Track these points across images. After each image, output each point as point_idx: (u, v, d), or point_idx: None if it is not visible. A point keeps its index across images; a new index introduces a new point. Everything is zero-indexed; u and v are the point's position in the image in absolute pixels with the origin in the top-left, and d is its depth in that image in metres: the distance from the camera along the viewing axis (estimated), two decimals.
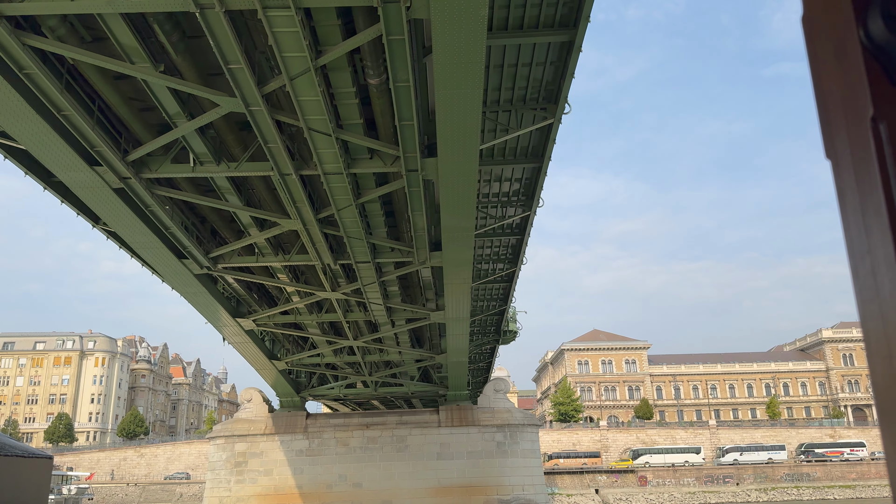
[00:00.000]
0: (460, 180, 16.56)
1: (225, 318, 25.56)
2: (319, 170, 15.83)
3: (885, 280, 0.84)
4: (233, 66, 12.23)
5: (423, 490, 35.08)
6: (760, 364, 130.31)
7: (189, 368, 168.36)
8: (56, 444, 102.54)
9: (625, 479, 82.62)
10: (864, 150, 0.87)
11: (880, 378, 0.87)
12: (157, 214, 17.67)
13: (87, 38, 12.74)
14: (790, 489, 79.23)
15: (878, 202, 0.85)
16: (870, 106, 0.86)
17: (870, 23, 0.87)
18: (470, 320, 27.49)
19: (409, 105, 13.63)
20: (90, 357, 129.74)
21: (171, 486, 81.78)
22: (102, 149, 14.61)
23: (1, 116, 13.37)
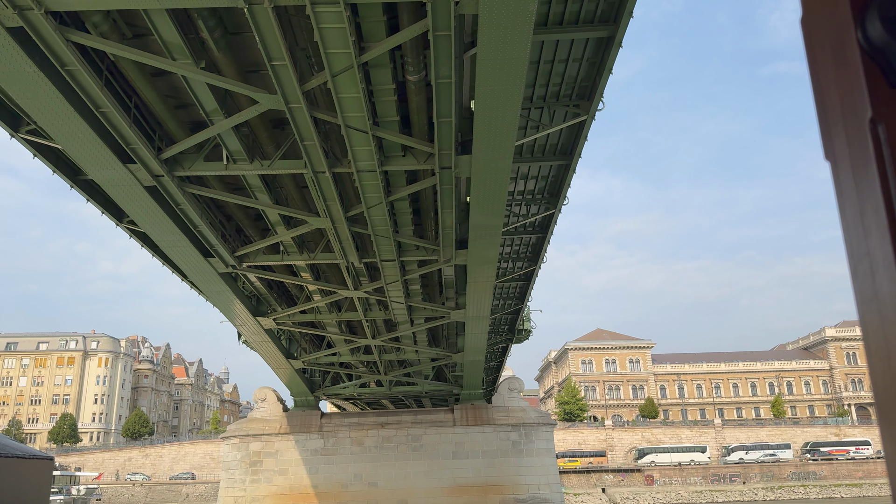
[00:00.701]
0: (493, 178, 16.50)
1: (245, 317, 25.50)
2: (353, 167, 15.76)
3: (883, 282, 0.84)
4: (276, 62, 12.16)
5: (439, 489, 35.04)
6: (764, 363, 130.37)
7: (191, 369, 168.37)
8: (60, 444, 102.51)
9: (631, 477, 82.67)
10: (862, 152, 0.87)
11: (880, 379, 0.87)
12: (186, 213, 17.61)
13: (128, 34, 12.67)
14: (797, 488, 79.31)
15: (877, 204, 0.84)
16: (868, 108, 0.86)
17: (868, 25, 0.86)
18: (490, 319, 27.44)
19: (448, 102, 13.57)
20: (93, 357, 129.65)
21: (178, 487, 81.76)
22: (138, 146, 14.55)
23: (39, 113, 13.30)
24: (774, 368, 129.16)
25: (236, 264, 21.00)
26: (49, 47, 11.63)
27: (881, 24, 0.85)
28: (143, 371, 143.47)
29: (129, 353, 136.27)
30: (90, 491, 64.10)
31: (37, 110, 13.21)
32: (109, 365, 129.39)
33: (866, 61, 0.87)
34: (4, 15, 10.98)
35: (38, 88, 12.52)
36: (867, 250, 0.88)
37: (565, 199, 21.16)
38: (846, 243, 0.93)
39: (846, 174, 0.92)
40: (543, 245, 25.17)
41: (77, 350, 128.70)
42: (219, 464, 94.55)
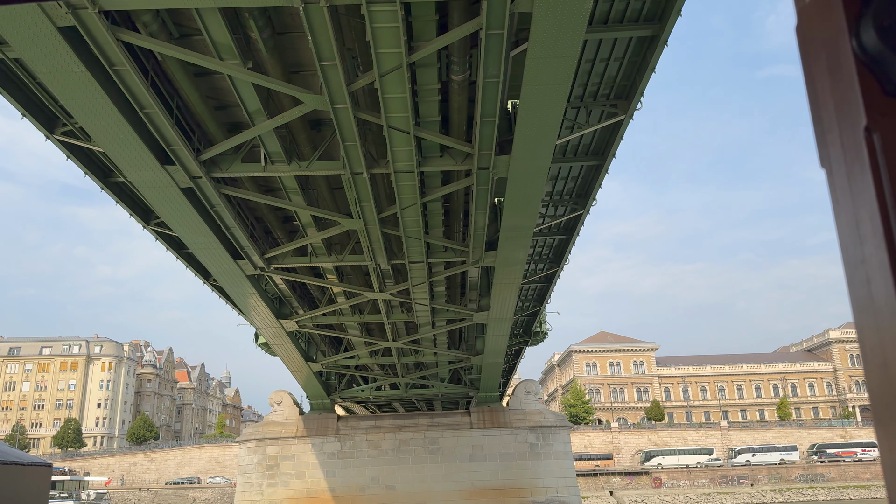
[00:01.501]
0: (530, 179, 16.44)
1: (269, 319, 25.40)
2: (391, 168, 15.70)
3: (880, 290, 0.84)
4: (326, 62, 12.09)
5: (457, 492, 34.91)
6: (768, 365, 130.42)
7: (193, 373, 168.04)
8: (65, 449, 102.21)
9: (639, 480, 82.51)
10: (857, 160, 0.87)
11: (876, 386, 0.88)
12: (220, 214, 17.53)
13: (175, 34, 12.62)
14: (805, 489, 79.19)
15: (872, 212, 0.84)
16: (863, 116, 0.86)
17: (862, 33, 0.86)
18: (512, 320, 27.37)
19: (493, 102, 13.51)
20: (96, 362, 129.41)
21: (184, 491, 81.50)
22: (179, 147, 14.47)
23: (82, 114, 13.22)
24: (779, 370, 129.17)
25: (265, 266, 20.92)
26: (99, 47, 11.56)
27: (875, 32, 0.85)
28: (145, 375, 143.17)
29: (132, 357, 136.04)
30: (100, 496, 63.91)
31: (80, 111, 13.14)
32: (113, 369, 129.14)
33: (861, 69, 0.87)
34: (57, 14, 10.91)
35: (84, 89, 12.44)
36: (863, 258, 0.88)
37: (594, 200, 21.08)
38: (842, 251, 0.93)
39: (841, 182, 0.92)
40: (568, 246, 25.09)
41: (80, 354, 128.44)
42: (224, 468, 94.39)
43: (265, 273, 21.32)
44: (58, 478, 58.23)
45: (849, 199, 0.91)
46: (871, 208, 0.86)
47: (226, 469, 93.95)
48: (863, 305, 0.89)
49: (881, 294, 0.85)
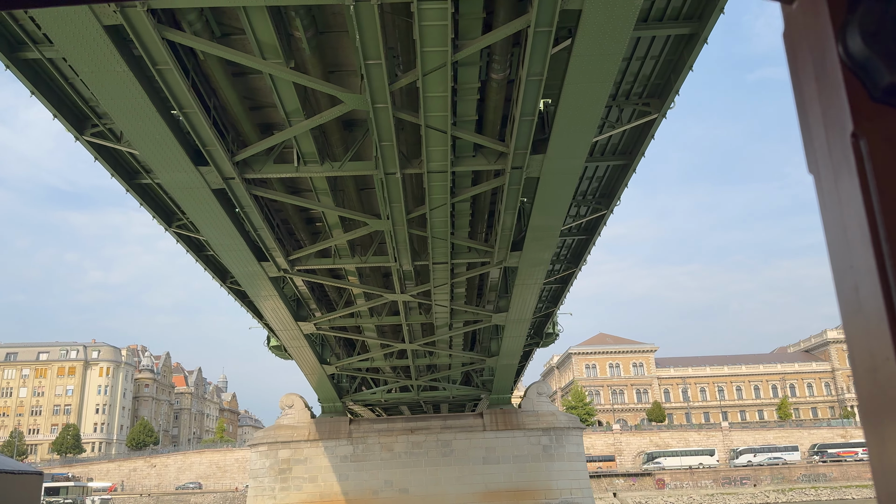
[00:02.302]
0: (562, 179, 16.40)
1: (287, 322, 25.26)
2: (425, 168, 15.61)
3: (868, 295, 0.85)
4: (371, 61, 12.00)
5: (471, 495, 34.79)
6: (767, 366, 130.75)
7: (191, 378, 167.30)
8: (64, 455, 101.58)
9: (642, 482, 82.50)
10: (845, 166, 0.88)
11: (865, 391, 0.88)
12: (249, 216, 17.41)
13: (217, 33, 12.53)
14: (808, 489, 79.32)
15: (859, 218, 0.85)
16: (850, 122, 0.87)
17: (849, 39, 0.87)
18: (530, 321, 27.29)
19: (533, 100, 13.44)
20: (94, 367, 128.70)
21: (186, 496, 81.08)
22: (215, 148, 14.36)
23: (120, 114, 13.10)
24: (777, 371, 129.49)
25: (289, 268, 20.80)
26: (144, 46, 11.45)
27: (861, 38, 0.85)
28: (143, 380, 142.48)
29: (130, 362, 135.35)
30: (105, 501, 63.52)
31: (119, 111, 13.03)
32: (111, 374, 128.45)
33: (847, 75, 0.88)
34: (104, 13, 10.81)
35: (124, 89, 12.34)
36: (851, 264, 0.88)
37: (618, 200, 21.04)
38: (830, 257, 0.93)
39: (829, 188, 0.92)
40: (588, 247, 25.04)
41: (78, 360, 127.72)
42: (225, 473, 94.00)
43: (288, 275, 21.20)
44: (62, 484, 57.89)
45: (836, 204, 0.91)
46: (858, 214, 0.85)
47: (227, 474, 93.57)
48: (851, 310, 0.89)
49: (869, 299, 0.85)
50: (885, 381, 0.84)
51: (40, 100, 14.87)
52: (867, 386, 0.88)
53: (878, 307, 0.83)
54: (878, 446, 0.87)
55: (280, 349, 36.38)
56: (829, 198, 0.94)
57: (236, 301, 28.83)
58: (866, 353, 0.87)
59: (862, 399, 0.90)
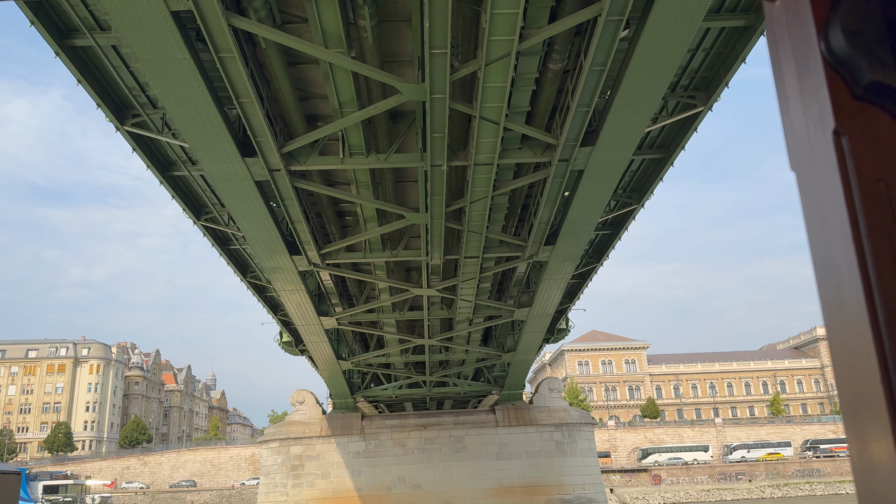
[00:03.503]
0: (608, 172, 16.34)
1: (310, 316, 25.06)
2: (471, 160, 15.48)
3: (849, 292, 0.86)
4: (437, 50, 11.84)
5: (484, 490, 34.73)
6: (757, 362, 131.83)
7: (180, 375, 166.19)
8: (55, 453, 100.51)
9: (638, 477, 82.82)
10: (827, 163, 0.89)
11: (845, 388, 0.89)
12: (289, 209, 17.21)
13: (279, 21, 12.33)
14: (802, 485, 79.93)
15: (841, 215, 0.86)
16: (832, 119, 0.88)
17: (831, 37, 0.88)
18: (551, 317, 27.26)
19: (592, 91, 13.36)
20: (84, 364, 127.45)
21: (182, 494, 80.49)
22: (266, 139, 14.16)
23: (175, 102, 12.86)
24: (768, 368, 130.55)
25: (319, 262, 20.61)
26: (209, 33, 11.25)
27: (844, 36, 0.86)
28: (133, 378, 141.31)
29: (120, 359, 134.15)
30: (105, 499, 62.92)
31: (173, 99, 12.80)
32: (101, 372, 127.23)
33: (830, 73, 0.88)
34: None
35: (182, 76, 12.13)
36: (832, 261, 0.89)
37: (651, 194, 21.00)
38: (812, 254, 0.94)
39: (811, 185, 0.93)
40: (612, 242, 24.99)
41: (68, 357, 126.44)
42: (220, 471, 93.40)
43: (318, 269, 21.01)
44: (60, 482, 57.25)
45: (818, 201, 0.91)
46: (840, 211, 0.86)
47: (221, 472, 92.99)
48: (832, 308, 0.90)
49: (850, 297, 0.85)
50: (865, 378, 0.83)
51: (86, 88, 14.60)
52: (848, 382, 0.88)
53: (858, 304, 0.83)
54: (858, 442, 0.87)
55: (291, 345, 36.18)
56: (810, 195, 0.94)
57: (255, 296, 28.57)
58: (847, 349, 0.87)
59: (843, 395, 0.91)
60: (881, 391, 0.81)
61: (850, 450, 0.91)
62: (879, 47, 0.86)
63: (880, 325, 0.82)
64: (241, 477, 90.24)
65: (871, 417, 0.84)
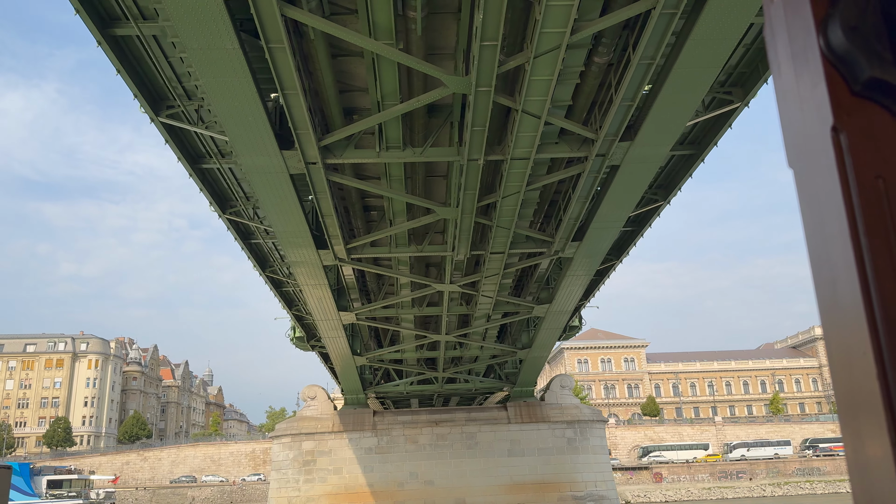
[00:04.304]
0: (643, 167, 16.28)
1: (330, 312, 24.96)
2: (508, 154, 15.41)
3: (845, 290, 0.86)
4: (488, 42, 11.76)
5: (496, 487, 34.69)
6: (756, 361, 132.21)
7: (177, 371, 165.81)
8: (54, 448, 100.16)
9: (639, 475, 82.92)
10: (824, 160, 0.89)
11: (841, 387, 0.89)
12: (321, 202, 17.11)
13: (327, 12, 12.23)
14: (803, 483, 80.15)
15: (838, 212, 0.86)
16: (830, 115, 0.88)
17: (830, 33, 0.88)
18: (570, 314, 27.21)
19: (636, 85, 13.30)
20: (83, 359, 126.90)
21: (183, 490, 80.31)
22: (306, 132, 14.07)
23: (219, 93, 12.76)
24: (766, 367, 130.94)
25: (345, 256, 20.52)
26: (262, 23, 11.16)
27: (843, 33, 0.86)
28: (131, 373, 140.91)
29: (118, 354, 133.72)
30: (109, 494, 62.74)
31: (218, 90, 12.70)
32: (99, 367, 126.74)
33: (828, 69, 0.89)
34: None
35: (229, 67, 12.03)
36: (829, 259, 0.89)
37: (678, 190, 20.95)
38: (808, 251, 0.94)
39: (809, 182, 0.93)
40: (634, 239, 24.93)
41: (66, 352, 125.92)
42: (220, 466, 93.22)
43: (344, 263, 20.92)
44: (64, 477, 57.05)
45: (816, 199, 0.91)
46: (837, 208, 0.86)
47: (221, 467, 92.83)
48: (828, 305, 0.90)
49: (846, 294, 0.85)
50: (860, 376, 0.83)
51: (125, 79, 14.48)
52: (843, 381, 0.88)
53: (855, 301, 0.83)
54: (853, 441, 0.87)
55: (303, 341, 36.09)
56: (808, 192, 0.94)
57: (271, 290, 28.47)
58: (843, 347, 0.87)
59: (838, 394, 0.90)
60: (877, 389, 0.81)
61: (845, 448, 0.90)
62: (878, 44, 0.86)
63: (877, 323, 0.81)
64: (241, 473, 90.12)
65: (867, 415, 0.83)
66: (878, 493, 0.84)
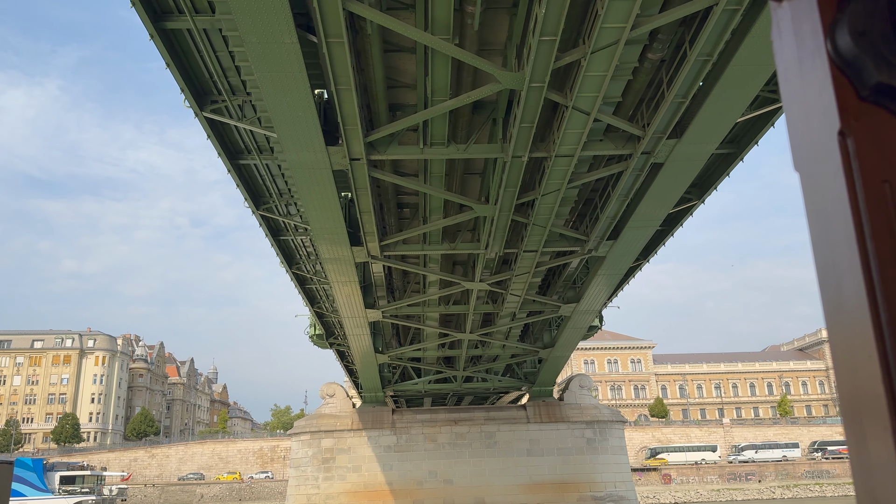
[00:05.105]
0: (687, 165, 16.20)
1: (357, 309, 24.90)
2: (552, 151, 15.34)
3: (850, 294, 0.86)
4: (547, 38, 11.69)
5: (516, 487, 34.63)
6: (762, 363, 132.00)
7: (183, 368, 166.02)
8: (62, 444, 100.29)
9: (648, 476, 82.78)
10: (831, 164, 0.89)
11: (845, 390, 0.90)
12: (361, 199, 17.05)
13: (384, 6, 12.18)
14: (812, 486, 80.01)
15: (844, 216, 0.86)
16: (837, 120, 0.88)
17: (838, 37, 0.89)
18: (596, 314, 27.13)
19: (691, 82, 13.22)
20: (90, 356, 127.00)
21: (191, 487, 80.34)
22: (354, 127, 14.01)
23: (272, 88, 12.70)
24: (773, 369, 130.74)
25: (378, 253, 20.46)
26: (324, 16, 11.10)
27: (851, 37, 0.87)
28: (137, 370, 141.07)
29: (125, 351, 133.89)
30: (122, 491, 62.83)
31: (272, 84, 12.64)
32: (106, 364, 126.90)
33: (836, 74, 0.89)
34: None
35: (285, 61, 11.98)
36: (834, 262, 0.90)
37: (714, 189, 20.86)
38: (814, 255, 0.95)
39: (815, 186, 0.94)
40: (664, 239, 24.80)
41: (73, 348, 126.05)
42: (228, 464, 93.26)
43: (377, 261, 20.86)
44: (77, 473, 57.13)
45: (822, 202, 0.92)
46: (843, 212, 0.86)
47: (229, 465, 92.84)
48: (833, 308, 0.90)
49: (852, 298, 0.85)
50: (865, 380, 0.84)
51: (174, 73, 14.44)
52: (848, 384, 0.88)
53: (860, 305, 0.83)
54: (857, 444, 0.87)
55: (322, 338, 36.04)
56: (814, 195, 0.94)
57: (295, 287, 28.44)
58: (848, 350, 0.87)
59: (843, 397, 0.91)
60: (882, 392, 0.81)
61: (849, 450, 0.90)
62: (886, 49, 0.86)
63: (882, 326, 0.81)
64: (249, 470, 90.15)
65: (872, 418, 0.83)
66: (882, 497, 0.83)
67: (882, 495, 0.83)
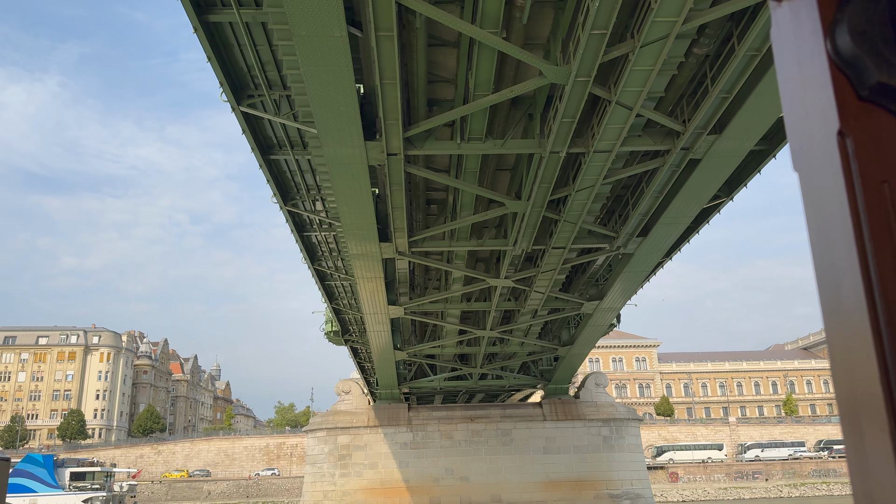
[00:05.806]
0: (724, 161, 16.12)
1: (380, 306, 24.83)
2: (591, 147, 15.25)
3: (849, 294, 0.86)
4: (598, 31, 11.59)
5: (532, 484, 34.58)
6: (767, 362, 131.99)
7: (186, 365, 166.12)
8: (68, 441, 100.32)
9: (654, 475, 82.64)
10: (830, 164, 0.89)
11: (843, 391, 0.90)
12: (394, 194, 16.97)
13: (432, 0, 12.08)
14: (819, 484, 79.96)
15: (843, 216, 0.87)
16: (836, 120, 0.87)
17: (837, 37, 0.88)
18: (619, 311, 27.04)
19: (737, 76, 13.13)
20: (95, 352, 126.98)
21: (198, 484, 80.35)
22: (395, 122, 13.93)
23: (317, 82, 12.60)
24: (778, 368, 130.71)
25: (406, 250, 20.38)
26: (376, 10, 11.02)
27: (850, 37, 0.86)
28: (141, 367, 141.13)
29: (129, 348, 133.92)
30: (132, 488, 62.84)
31: (318, 78, 12.54)
32: (111, 360, 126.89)
33: (835, 73, 0.88)
34: None
35: (334, 55, 11.88)
36: (833, 262, 0.90)
37: (744, 186, 20.73)
38: (812, 255, 0.95)
39: (814, 186, 0.94)
40: (689, 236, 24.67)
41: (78, 345, 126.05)
42: (234, 461, 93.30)
43: (404, 257, 20.78)
44: (87, 469, 57.11)
45: (821, 202, 0.92)
46: (842, 212, 0.86)
47: (235, 462, 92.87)
48: (832, 309, 0.90)
49: (850, 298, 0.85)
50: (863, 380, 0.83)
51: (214, 67, 14.36)
52: (846, 384, 0.88)
53: (859, 305, 0.83)
54: (854, 445, 0.87)
55: (337, 335, 36.00)
56: (813, 196, 0.94)
57: (316, 283, 28.38)
58: (845, 350, 0.87)
59: (840, 397, 0.91)
60: (880, 392, 0.80)
61: (846, 450, 0.90)
62: (886, 48, 0.85)
63: (881, 327, 0.81)
64: (255, 467, 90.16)
65: (869, 418, 0.83)
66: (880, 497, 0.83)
67: (879, 496, 0.83)
